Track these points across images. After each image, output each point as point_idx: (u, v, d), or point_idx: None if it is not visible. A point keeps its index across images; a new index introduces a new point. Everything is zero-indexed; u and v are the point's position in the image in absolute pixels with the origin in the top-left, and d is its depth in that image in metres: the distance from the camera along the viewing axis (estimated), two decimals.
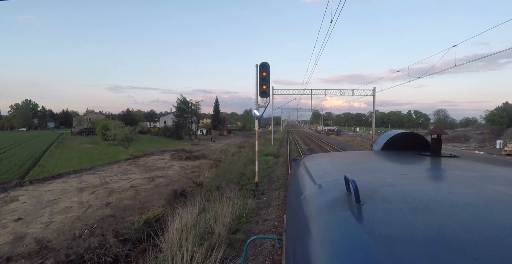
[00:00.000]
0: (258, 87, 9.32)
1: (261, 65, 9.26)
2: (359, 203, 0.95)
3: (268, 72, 9.32)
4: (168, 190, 15.85)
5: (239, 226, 6.92)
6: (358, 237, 0.77)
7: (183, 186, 15.93)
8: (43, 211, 12.55)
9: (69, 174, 20.46)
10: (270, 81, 9.39)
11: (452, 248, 0.66)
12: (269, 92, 9.42)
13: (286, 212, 1.77)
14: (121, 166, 24.59)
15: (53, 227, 10.62)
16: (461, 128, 70.53)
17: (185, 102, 57.84)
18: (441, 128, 2.04)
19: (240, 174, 12.68)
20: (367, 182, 1.20)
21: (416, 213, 0.86)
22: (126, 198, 14.53)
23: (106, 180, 18.88)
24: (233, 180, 10.89)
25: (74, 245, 8.96)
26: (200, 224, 6.91)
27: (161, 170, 22.48)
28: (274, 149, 26.90)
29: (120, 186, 16.98)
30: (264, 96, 9.36)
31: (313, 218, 1.03)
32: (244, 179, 11.53)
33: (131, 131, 33.58)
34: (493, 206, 0.90)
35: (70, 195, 15.03)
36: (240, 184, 10.56)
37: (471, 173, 1.41)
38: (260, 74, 9.22)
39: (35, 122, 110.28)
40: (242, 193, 9.71)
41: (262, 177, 12.56)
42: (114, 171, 22.18)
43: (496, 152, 34.76)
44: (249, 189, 10.04)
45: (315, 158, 2.27)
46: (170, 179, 19.10)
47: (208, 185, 11.88)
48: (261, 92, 9.25)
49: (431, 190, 1.08)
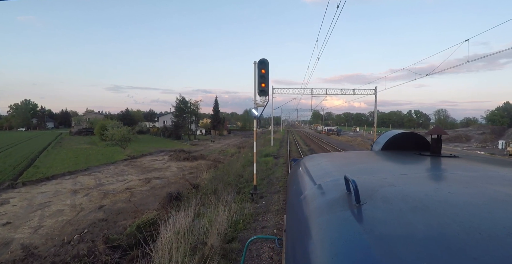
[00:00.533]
0: (257, 86, 8.83)
1: (259, 62, 8.77)
2: (359, 203, 0.95)
3: (267, 70, 8.84)
4: (164, 192, 15.39)
5: (235, 234, 6.44)
6: (358, 237, 0.76)
7: (179, 189, 15.47)
8: (33, 214, 12.07)
9: (63, 175, 19.98)
10: (270, 81, 8.93)
11: (452, 248, 0.66)
12: (268, 90, 8.93)
13: (286, 212, 1.75)
14: (118, 166, 24.10)
15: (42, 232, 10.14)
16: (462, 128, 70.37)
17: (184, 102, 57.29)
18: (441, 128, 2.01)
19: (238, 176, 12.18)
20: (367, 182, 1.20)
21: (416, 213, 0.85)
22: (121, 200, 14.06)
23: (101, 181, 18.40)
24: (231, 182, 10.40)
25: (62, 252, 8.49)
26: (193, 232, 6.44)
27: (159, 171, 22.00)
28: (274, 149, 26.37)
29: (115, 188, 16.50)
30: (263, 95, 8.87)
31: (313, 218, 1.03)
32: (242, 181, 11.03)
33: (128, 131, 33.03)
34: (493, 206, 0.90)
35: (63, 197, 14.55)
36: (238, 187, 10.07)
37: (471, 173, 1.40)
38: (259, 71, 8.73)
39: (34, 122, 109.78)
40: (239, 196, 9.23)
41: (261, 179, 12.08)
42: (110, 172, 21.70)
43: (499, 152, 34.32)
44: (247, 192, 9.54)
45: (315, 158, 2.25)
46: (167, 180, 18.62)
47: (205, 187, 11.41)
48: (259, 90, 8.75)
49: (431, 190, 1.07)
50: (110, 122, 39.94)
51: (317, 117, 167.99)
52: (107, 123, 39.51)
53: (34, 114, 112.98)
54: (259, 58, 8.86)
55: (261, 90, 8.74)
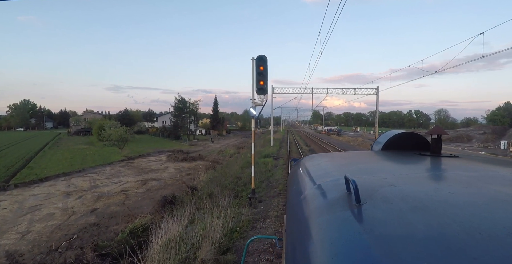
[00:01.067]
0: (255, 83, 8.33)
1: (258, 58, 8.27)
2: (359, 203, 0.94)
3: (266, 67, 8.34)
4: (160, 195, 14.90)
5: (231, 243, 5.94)
6: (358, 237, 0.76)
7: (176, 191, 14.98)
8: (22, 218, 11.58)
9: (58, 177, 19.47)
10: (270, 81, 8.43)
11: (452, 248, 0.66)
12: (267, 89, 8.43)
13: (286, 212, 1.73)
14: (114, 167, 23.60)
15: (30, 237, 9.65)
16: (463, 128, 70.15)
17: (183, 101, 56.69)
18: (441, 128, 2.01)
19: (236, 178, 11.68)
20: (367, 182, 1.19)
21: (416, 213, 0.85)
22: (115, 203, 13.56)
23: (96, 183, 17.90)
24: (228, 185, 9.89)
25: (48, 260, 7.99)
26: (186, 240, 5.95)
27: (156, 172, 21.49)
28: (273, 150, 25.81)
29: (110, 190, 16.00)
30: (262, 93, 8.36)
31: (313, 218, 1.02)
32: (240, 184, 10.53)
33: (126, 131, 32.47)
34: (493, 206, 0.89)
35: (55, 200, 14.05)
36: (235, 190, 9.57)
37: (471, 173, 1.40)
38: (257, 68, 8.22)
39: (33, 122, 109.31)
40: (237, 200, 8.73)
41: (260, 181, 11.59)
42: (106, 173, 21.20)
43: (501, 152, 33.84)
44: (245, 196, 9.03)
45: (315, 158, 2.24)
46: (164, 182, 18.13)
47: (201, 190, 10.92)
48: (258, 88, 8.25)
49: (431, 190, 1.07)
50: (108, 122, 39.46)
51: (317, 117, 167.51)
52: (105, 124, 39.04)
53: (33, 114, 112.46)
54: (258, 55, 8.36)
55: (260, 88, 8.24)
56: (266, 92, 8.47)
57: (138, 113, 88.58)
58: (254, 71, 8.35)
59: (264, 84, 8.30)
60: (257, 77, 8.29)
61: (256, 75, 8.31)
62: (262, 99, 8.47)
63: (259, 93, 8.40)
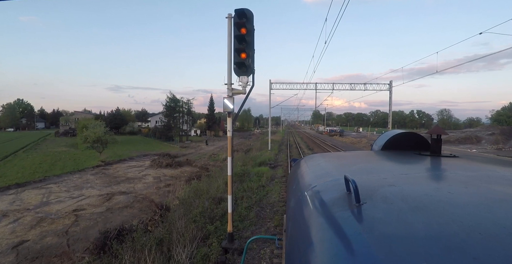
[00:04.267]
0: (232, 55, 4.88)
1: (237, 13, 4.80)
2: (359, 203, 0.94)
3: (252, 29, 4.91)
4: (121, 217, 11.42)
5: None
6: (358, 237, 0.76)
7: (138, 214, 11.53)
8: None
9: (8, 189, 16.00)
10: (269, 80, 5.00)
11: (452, 247, 0.66)
12: (252, 65, 4.97)
13: (286, 212, 1.66)
14: (84, 176, 20.10)
15: None
16: (469, 129, 67.40)
17: (174, 100, 52.94)
18: (441, 128, 1.97)
19: (214, 202, 8.20)
20: (367, 182, 1.19)
21: (416, 213, 0.85)
22: (55, 231, 10.09)
23: (50, 198, 14.41)
24: (196, 219, 6.40)
25: None
26: None
27: (129, 182, 18.00)
28: (271, 154, 22.20)
29: (61, 209, 12.53)
30: (243, 72, 4.90)
31: (313, 218, 1.02)
32: (217, 214, 7.06)
33: (105, 132, 28.86)
34: (493, 206, 0.89)
35: None
36: (206, 229, 6.09)
37: (471, 172, 1.38)
38: (236, 30, 4.78)
39: (24, 122, 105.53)
40: (204, 250, 5.27)
41: (247, 207, 8.08)
42: (70, 183, 17.70)
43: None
44: (219, 242, 5.53)
45: (315, 158, 2.23)
46: (134, 196, 14.64)
47: (164, 223, 7.48)
48: (237, 63, 4.80)
49: (431, 190, 1.06)
50: (92, 122, 35.72)
51: (317, 117, 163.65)
52: (88, 123, 35.31)
53: (23, 114, 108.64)
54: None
55: (240, 63, 4.77)
56: (251, 71, 5.01)
57: (129, 113, 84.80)
58: (232, 35, 4.89)
59: (248, 58, 4.83)
60: (235, 44, 4.81)
61: (234, 42, 4.83)
62: (245, 83, 5.00)
63: (238, 73, 4.95)
